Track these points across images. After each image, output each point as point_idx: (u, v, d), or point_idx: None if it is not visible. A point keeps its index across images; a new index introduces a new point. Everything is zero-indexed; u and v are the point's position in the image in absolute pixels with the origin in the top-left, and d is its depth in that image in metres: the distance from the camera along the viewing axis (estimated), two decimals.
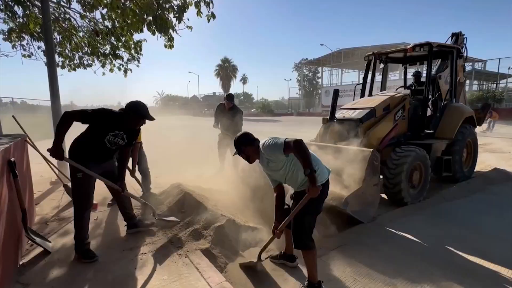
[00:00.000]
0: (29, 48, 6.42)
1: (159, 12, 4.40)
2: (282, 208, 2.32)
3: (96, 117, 2.46)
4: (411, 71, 6.77)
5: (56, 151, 2.34)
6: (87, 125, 2.52)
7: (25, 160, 3.27)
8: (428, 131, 4.95)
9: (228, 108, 5.21)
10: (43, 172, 5.40)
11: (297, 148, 1.93)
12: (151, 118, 2.61)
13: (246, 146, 2.18)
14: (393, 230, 3.22)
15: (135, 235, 3.03)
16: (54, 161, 4.59)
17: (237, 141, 2.21)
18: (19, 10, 5.63)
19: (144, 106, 2.61)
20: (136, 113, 2.55)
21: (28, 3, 5.32)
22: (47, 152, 2.40)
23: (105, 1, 4.66)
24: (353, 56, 34.77)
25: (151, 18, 4.55)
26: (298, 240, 2.13)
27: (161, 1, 4.42)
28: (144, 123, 2.68)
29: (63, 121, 2.34)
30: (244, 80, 61.91)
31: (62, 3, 5.77)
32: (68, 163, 2.56)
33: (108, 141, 2.55)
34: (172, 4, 4.56)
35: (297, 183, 2.18)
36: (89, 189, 2.60)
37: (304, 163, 1.93)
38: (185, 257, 2.52)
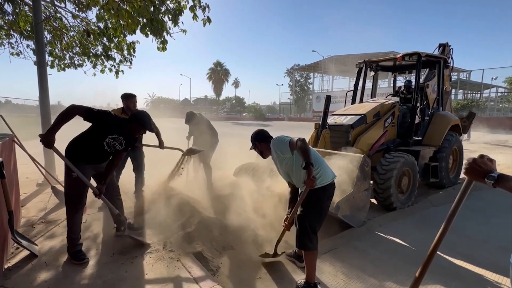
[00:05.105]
0: (17, 47, 6.30)
1: (155, 14, 4.39)
2: (293, 201, 2.46)
3: (101, 117, 2.47)
4: (400, 79, 6.97)
5: (47, 137, 2.28)
6: (89, 126, 2.54)
7: (12, 161, 3.19)
8: (416, 138, 5.08)
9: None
10: (29, 174, 5.25)
11: (298, 144, 2.08)
12: (152, 130, 2.72)
13: (260, 142, 2.38)
14: (382, 235, 3.29)
15: (126, 238, 2.98)
16: (42, 162, 4.49)
17: (253, 137, 2.41)
18: (9, 8, 5.52)
19: (148, 117, 2.67)
20: (140, 122, 2.59)
21: (18, 0, 5.22)
22: (39, 137, 2.30)
23: (101, 2, 4.63)
24: (344, 63, 35.38)
25: (145, 20, 4.54)
26: (298, 240, 2.21)
27: (157, 4, 4.42)
28: (144, 133, 2.74)
29: (67, 112, 2.32)
30: (236, 84, 61.99)
31: (55, 2, 5.69)
32: (58, 165, 2.53)
33: (107, 143, 2.55)
34: (168, 8, 4.57)
35: (300, 181, 2.25)
36: (83, 190, 2.56)
37: (303, 157, 2.05)
38: (177, 260, 2.50)
